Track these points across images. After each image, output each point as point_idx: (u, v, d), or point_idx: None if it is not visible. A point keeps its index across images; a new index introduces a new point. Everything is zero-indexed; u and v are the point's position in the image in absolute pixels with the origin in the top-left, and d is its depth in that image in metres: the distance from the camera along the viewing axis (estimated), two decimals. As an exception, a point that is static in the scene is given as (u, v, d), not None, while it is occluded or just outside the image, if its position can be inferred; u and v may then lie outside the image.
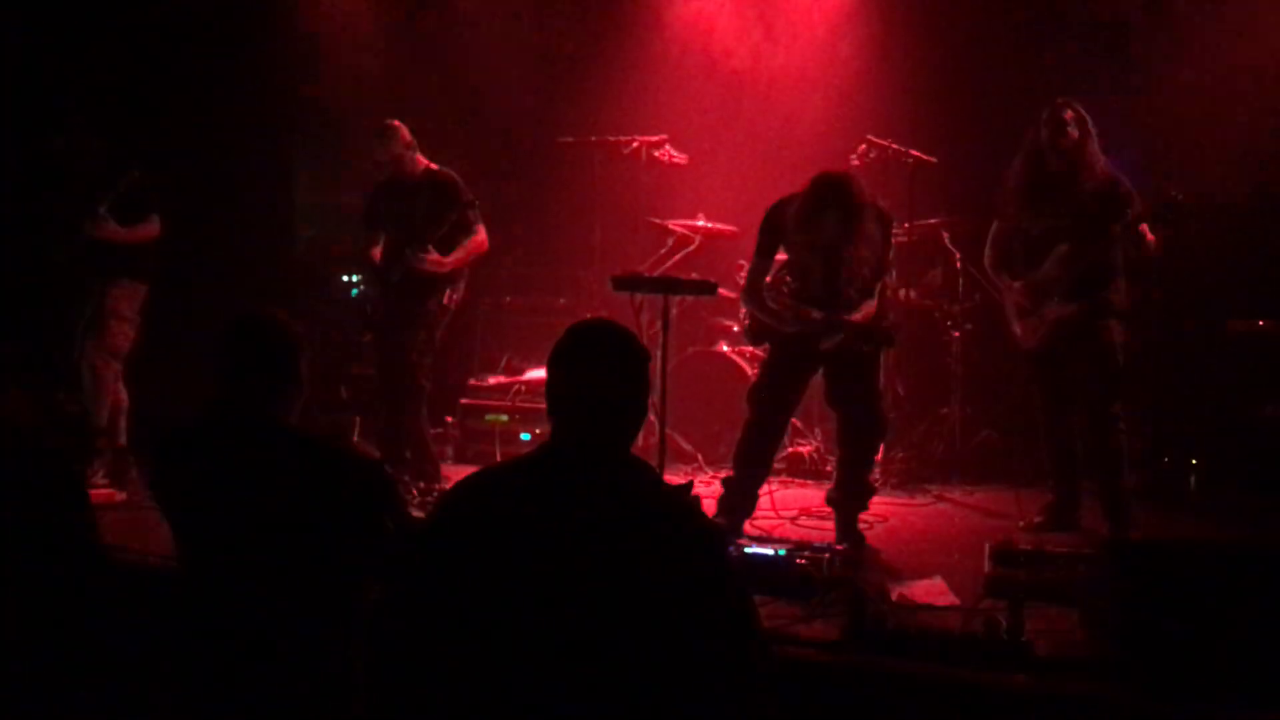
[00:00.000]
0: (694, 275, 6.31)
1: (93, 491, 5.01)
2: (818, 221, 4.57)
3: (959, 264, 6.51)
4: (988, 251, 5.33)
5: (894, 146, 6.34)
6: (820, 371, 4.90)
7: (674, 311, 5.44)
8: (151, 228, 5.64)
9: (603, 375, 2.20)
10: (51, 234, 5.51)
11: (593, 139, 7.04)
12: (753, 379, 6.29)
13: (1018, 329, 5.19)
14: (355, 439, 6.31)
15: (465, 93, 7.60)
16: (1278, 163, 6.20)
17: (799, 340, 4.75)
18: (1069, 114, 4.98)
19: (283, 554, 2.59)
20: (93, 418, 5.50)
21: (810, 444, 6.52)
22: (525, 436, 6.52)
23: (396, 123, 5.71)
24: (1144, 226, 4.85)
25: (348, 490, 2.66)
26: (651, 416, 5.13)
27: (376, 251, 5.81)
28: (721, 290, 5.61)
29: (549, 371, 2.25)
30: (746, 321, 5.56)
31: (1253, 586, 3.29)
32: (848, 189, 4.56)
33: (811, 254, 4.75)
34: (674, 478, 5.39)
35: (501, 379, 6.90)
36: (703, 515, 2.25)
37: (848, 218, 4.55)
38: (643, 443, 5.81)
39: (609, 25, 7.64)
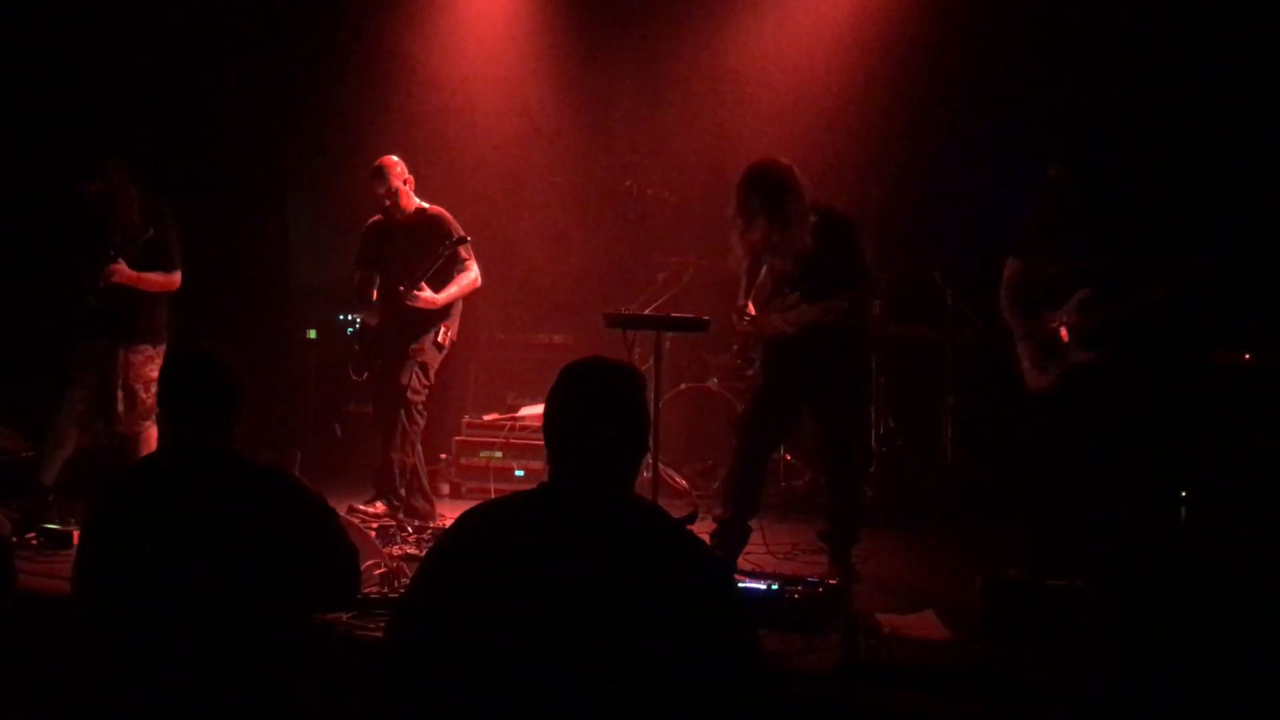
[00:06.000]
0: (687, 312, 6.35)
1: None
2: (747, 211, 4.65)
3: (950, 300, 6.57)
4: (1004, 292, 5.06)
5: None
6: (808, 396, 4.89)
7: (666, 346, 5.47)
8: (171, 279, 5.58)
9: (594, 415, 2.21)
10: (75, 280, 5.41)
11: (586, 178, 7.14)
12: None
13: (1031, 371, 4.95)
14: (297, 472, 6.33)
15: (463, 133, 7.66)
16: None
17: (787, 361, 4.77)
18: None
19: (228, 584, 2.56)
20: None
21: (802, 479, 6.55)
22: (519, 473, 6.55)
23: (391, 158, 5.77)
24: None
25: (297, 519, 2.68)
26: (645, 451, 5.14)
27: (371, 291, 5.86)
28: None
29: (545, 412, 2.27)
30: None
31: (1247, 619, 3.32)
32: (770, 173, 4.62)
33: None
34: (676, 511, 5.36)
35: (496, 416, 6.92)
36: (706, 546, 2.26)
37: (771, 201, 4.59)
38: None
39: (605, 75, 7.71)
